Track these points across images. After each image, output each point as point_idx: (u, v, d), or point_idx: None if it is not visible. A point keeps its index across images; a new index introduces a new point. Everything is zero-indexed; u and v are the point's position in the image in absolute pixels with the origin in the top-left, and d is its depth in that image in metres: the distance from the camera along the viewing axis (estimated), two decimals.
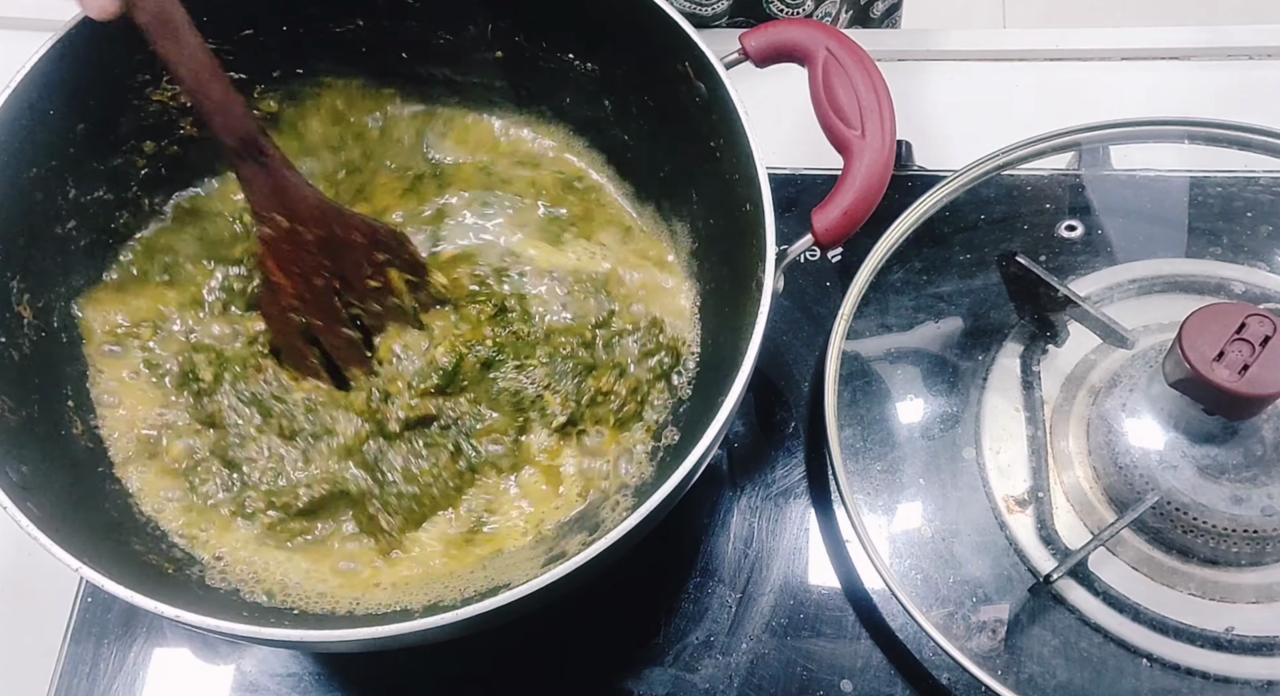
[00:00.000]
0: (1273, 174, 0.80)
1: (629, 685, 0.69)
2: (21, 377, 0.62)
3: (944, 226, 0.80)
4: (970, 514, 0.71)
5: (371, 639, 0.53)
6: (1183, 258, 0.78)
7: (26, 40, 0.61)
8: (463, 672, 0.70)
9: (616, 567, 0.56)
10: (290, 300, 0.66)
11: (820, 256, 0.79)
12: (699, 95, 0.64)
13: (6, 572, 0.75)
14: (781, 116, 0.67)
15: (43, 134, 0.63)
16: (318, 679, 0.70)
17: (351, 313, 0.68)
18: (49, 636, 0.72)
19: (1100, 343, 0.75)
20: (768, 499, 0.74)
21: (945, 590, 0.69)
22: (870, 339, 0.78)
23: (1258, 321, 0.62)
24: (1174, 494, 0.67)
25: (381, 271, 0.67)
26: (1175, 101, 0.86)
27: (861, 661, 0.68)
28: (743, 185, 0.62)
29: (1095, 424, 0.72)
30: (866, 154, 0.60)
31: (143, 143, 0.70)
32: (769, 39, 0.63)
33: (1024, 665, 0.66)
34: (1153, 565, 0.69)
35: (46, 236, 0.65)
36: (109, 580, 0.53)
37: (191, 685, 0.71)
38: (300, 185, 0.64)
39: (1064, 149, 0.79)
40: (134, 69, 0.66)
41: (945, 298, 0.79)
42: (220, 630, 0.53)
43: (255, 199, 0.63)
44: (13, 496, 0.54)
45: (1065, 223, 0.80)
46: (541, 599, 0.53)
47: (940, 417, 0.75)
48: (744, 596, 0.71)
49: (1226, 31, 0.89)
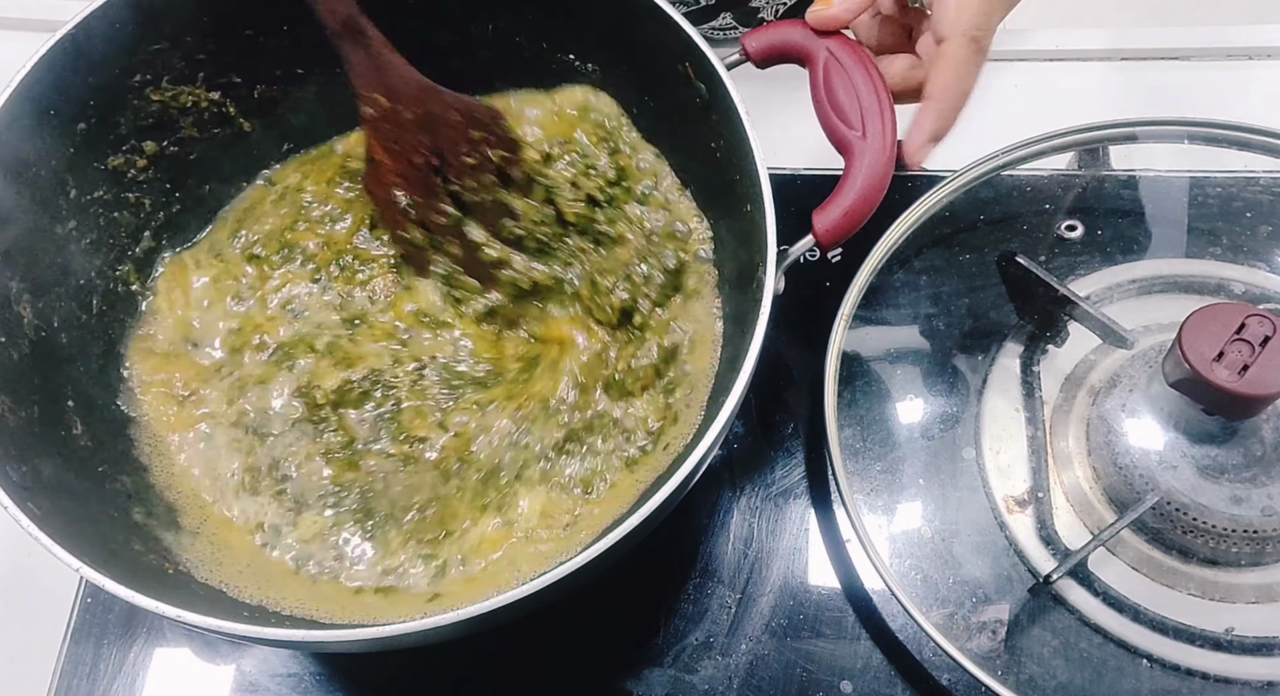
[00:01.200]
0: (1273, 174, 0.80)
1: (628, 685, 0.69)
2: (21, 377, 0.62)
3: (944, 227, 0.80)
4: (970, 514, 0.71)
5: (371, 639, 0.53)
6: (1183, 258, 0.78)
7: (26, 40, 0.61)
8: (463, 673, 0.70)
9: (616, 568, 0.56)
10: (392, 177, 0.69)
11: (820, 257, 0.79)
12: (699, 96, 0.64)
13: (6, 572, 0.75)
14: (782, 117, 0.67)
15: (43, 134, 0.63)
16: (318, 679, 0.70)
17: (450, 189, 0.69)
18: (49, 636, 0.72)
19: (1100, 343, 0.75)
20: (767, 499, 0.74)
21: (945, 590, 0.69)
22: (870, 339, 0.78)
23: (1257, 321, 0.62)
24: (1174, 494, 0.67)
25: (477, 148, 0.68)
26: (1175, 101, 0.86)
27: (861, 662, 0.68)
28: (743, 185, 0.62)
29: (1095, 424, 0.72)
30: (867, 154, 0.60)
31: (143, 143, 0.70)
32: (769, 39, 0.63)
33: (1024, 665, 0.67)
34: (1153, 565, 0.69)
35: (46, 236, 0.65)
36: (109, 580, 0.53)
37: (191, 685, 0.71)
38: (400, 66, 0.66)
39: (1064, 149, 0.79)
40: (134, 69, 0.66)
41: (945, 298, 0.79)
42: (220, 630, 0.52)
43: (358, 79, 0.66)
44: (13, 496, 0.54)
45: (1065, 223, 0.80)
46: (541, 599, 0.53)
47: (940, 418, 0.75)
48: (744, 597, 0.71)
49: (1226, 31, 0.89)
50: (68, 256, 0.67)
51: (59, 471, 0.61)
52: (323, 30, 0.64)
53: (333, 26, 0.64)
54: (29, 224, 0.64)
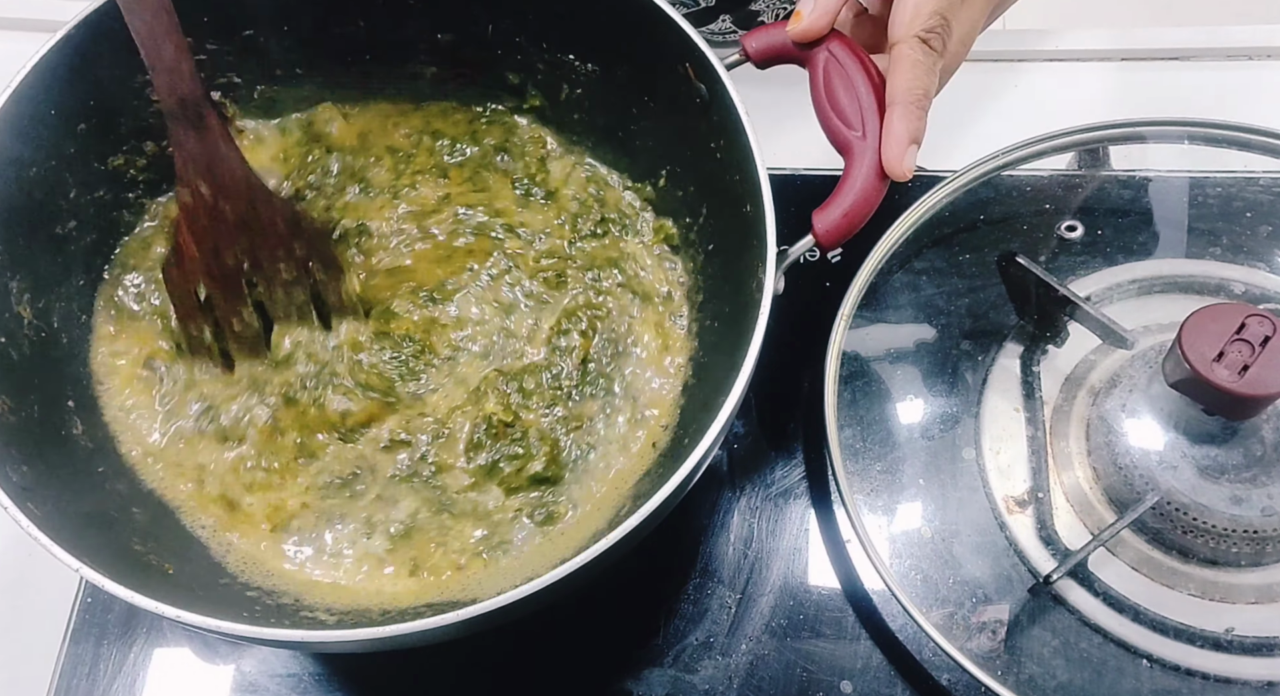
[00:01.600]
0: (1273, 174, 0.80)
1: (628, 686, 0.69)
2: (21, 377, 0.62)
3: (944, 227, 0.80)
4: (970, 514, 0.71)
5: (372, 639, 0.53)
6: (1183, 258, 0.78)
7: (26, 40, 0.61)
8: (463, 673, 0.70)
9: (616, 568, 0.56)
10: (197, 272, 0.66)
11: (820, 257, 0.79)
12: (699, 96, 0.64)
13: (6, 572, 0.74)
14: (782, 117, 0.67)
15: (43, 134, 0.63)
16: (318, 679, 0.70)
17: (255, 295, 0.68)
18: (49, 636, 0.72)
19: (1100, 343, 0.75)
20: (768, 499, 0.74)
21: (945, 590, 0.69)
22: (870, 339, 0.78)
23: (1257, 322, 0.62)
24: (1174, 494, 0.67)
25: (297, 263, 0.67)
26: (1175, 101, 0.86)
27: (861, 662, 0.68)
28: (743, 186, 0.62)
29: (1095, 424, 0.72)
30: (867, 155, 0.60)
31: (143, 143, 0.70)
32: (769, 40, 0.63)
33: (1024, 665, 0.67)
34: (1153, 565, 0.69)
35: (46, 236, 0.65)
36: (109, 580, 0.53)
37: (191, 685, 0.71)
38: (234, 160, 0.64)
39: (1064, 149, 0.79)
40: (134, 69, 0.66)
41: (945, 298, 0.79)
42: (220, 630, 0.52)
43: (182, 164, 0.64)
44: (13, 496, 0.54)
45: (1065, 223, 0.80)
46: (541, 600, 0.52)
47: (940, 418, 0.75)
48: (744, 597, 0.71)
49: (1226, 31, 0.89)
50: (68, 256, 0.67)
51: (59, 471, 0.61)
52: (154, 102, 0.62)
53: (169, 104, 0.62)
54: (29, 224, 0.64)
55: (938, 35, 0.59)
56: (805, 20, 0.61)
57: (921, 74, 0.59)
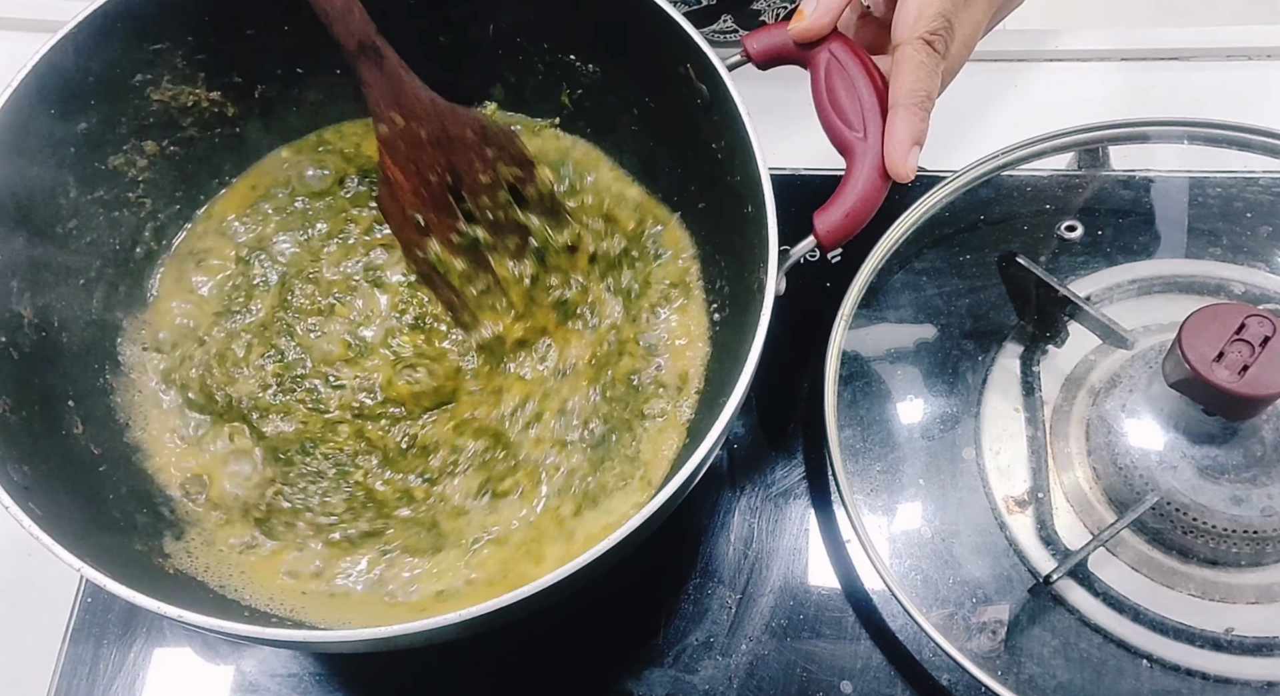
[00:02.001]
0: (1272, 174, 0.80)
1: (628, 686, 0.69)
2: (21, 378, 0.62)
3: (944, 227, 0.80)
4: (970, 514, 0.71)
5: (372, 639, 0.53)
6: (1183, 258, 0.78)
7: (26, 40, 0.61)
8: (463, 673, 0.70)
9: (616, 568, 0.56)
10: (408, 197, 0.69)
11: (820, 257, 0.79)
12: (701, 97, 0.64)
13: (6, 572, 0.74)
14: (783, 118, 0.67)
15: (43, 134, 0.63)
16: (318, 679, 0.70)
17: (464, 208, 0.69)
18: (49, 636, 0.72)
19: (1100, 343, 0.75)
20: (768, 499, 0.74)
21: (945, 590, 0.69)
22: (870, 339, 0.78)
23: (1257, 322, 0.62)
24: (1174, 494, 0.67)
25: (491, 166, 0.69)
26: (1175, 101, 0.86)
27: (861, 662, 0.68)
28: (745, 186, 0.62)
29: (1095, 424, 0.72)
30: (868, 155, 0.60)
31: (143, 143, 0.70)
32: (771, 41, 0.63)
33: (1024, 666, 0.67)
34: (1153, 565, 0.69)
35: (46, 236, 0.65)
36: (110, 580, 0.52)
37: (191, 685, 0.71)
38: (414, 85, 0.66)
39: (1064, 149, 0.79)
40: (134, 69, 0.66)
41: (945, 298, 0.79)
42: (220, 630, 0.52)
43: (373, 99, 0.66)
44: (14, 496, 0.54)
45: (1065, 223, 0.80)
46: (541, 600, 0.52)
47: (940, 418, 0.75)
48: (744, 597, 0.71)
49: (1226, 31, 0.89)
50: (68, 256, 0.67)
51: (60, 471, 0.61)
52: (338, 50, 0.64)
53: (349, 47, 0.64)
54: (29, 224, 0.64)
55: (941, 37, 0.59)
56: (807, 19, 0.61)
57: (925, 75, 0.59)
